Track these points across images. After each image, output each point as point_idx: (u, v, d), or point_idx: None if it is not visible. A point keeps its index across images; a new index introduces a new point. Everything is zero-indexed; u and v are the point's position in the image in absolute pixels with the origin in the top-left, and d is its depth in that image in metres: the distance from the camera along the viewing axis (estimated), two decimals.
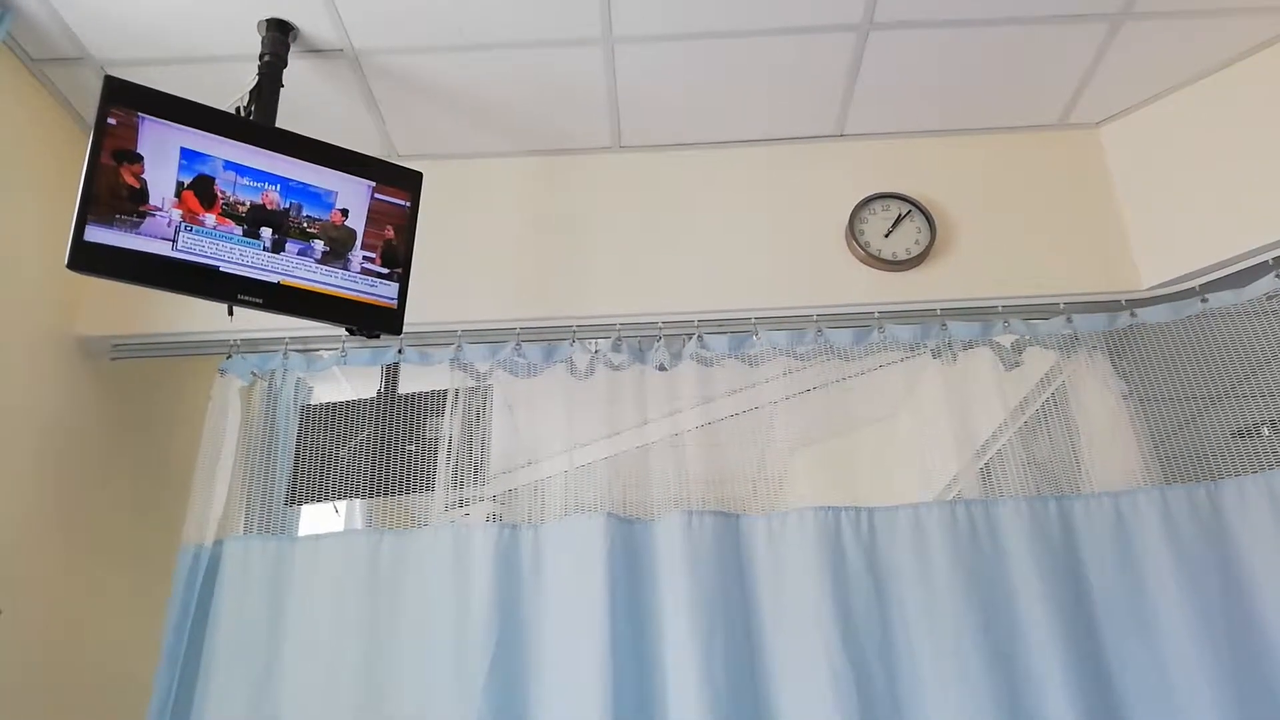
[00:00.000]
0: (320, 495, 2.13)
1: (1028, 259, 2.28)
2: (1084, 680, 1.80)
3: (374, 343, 2.20)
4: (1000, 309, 2.24)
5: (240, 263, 1.83)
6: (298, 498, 2.13)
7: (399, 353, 2.23)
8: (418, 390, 2.21)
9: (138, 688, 1.99)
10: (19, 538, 1.99)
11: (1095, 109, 2.38)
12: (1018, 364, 2.20)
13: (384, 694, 1.89)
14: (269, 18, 2.02)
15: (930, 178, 2.37)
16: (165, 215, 1.77)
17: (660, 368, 2.20)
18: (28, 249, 2.07)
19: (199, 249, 1.79)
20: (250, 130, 1.89)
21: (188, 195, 1.79)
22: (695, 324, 2.25)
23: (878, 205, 2.33)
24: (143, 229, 1.74)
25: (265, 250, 1.86)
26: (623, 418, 2.16)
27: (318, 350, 2.26)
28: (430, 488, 2.09)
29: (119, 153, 1.74)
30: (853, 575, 1.93)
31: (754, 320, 2.25)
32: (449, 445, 2.12)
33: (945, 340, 2.21)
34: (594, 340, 2.25)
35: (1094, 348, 2.19)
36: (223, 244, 1.82)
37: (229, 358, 2.23)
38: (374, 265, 1.98)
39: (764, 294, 2.27)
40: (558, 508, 2.05)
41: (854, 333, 2.21)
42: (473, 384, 2.21)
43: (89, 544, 2.20)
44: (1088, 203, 2.34)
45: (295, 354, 2.24)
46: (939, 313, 2.24)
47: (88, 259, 1.70)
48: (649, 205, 2.38)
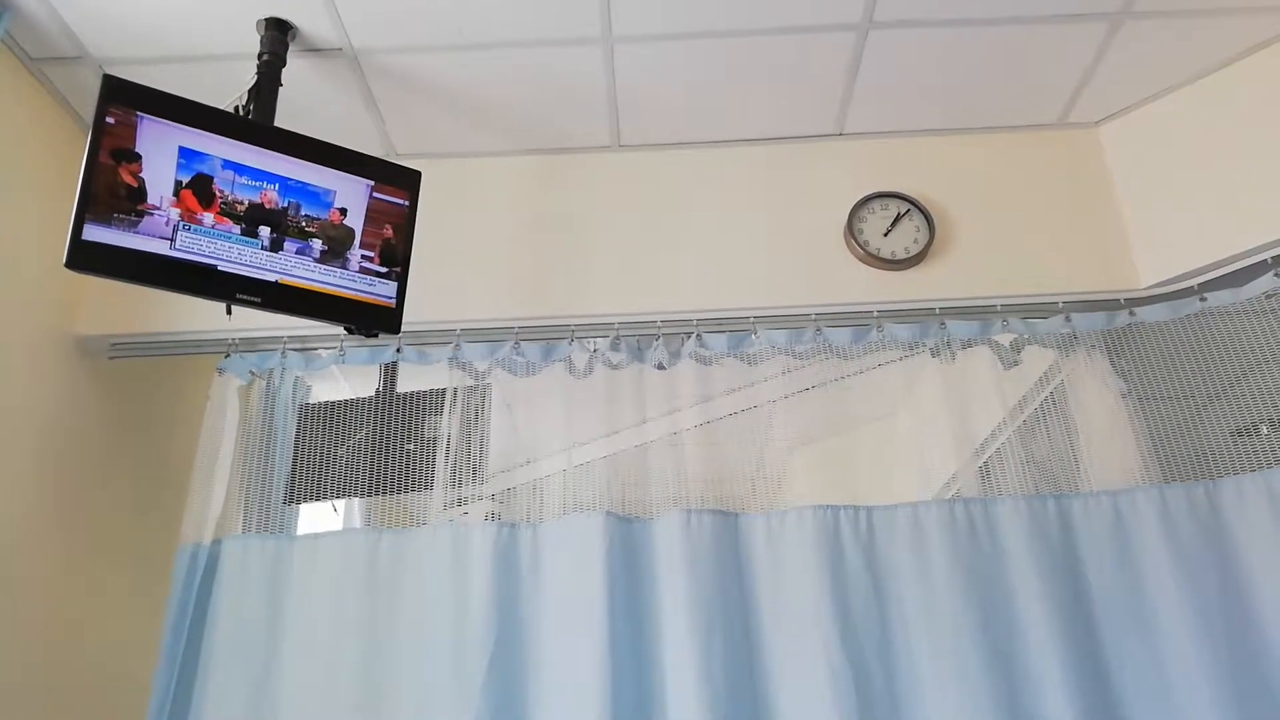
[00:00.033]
0: (319, 494, 2.13)
1: (1026, 258, 2.28)
2: (1082, 679, 1.81)
3: (372, 342, 2.21)
4: (999, 308, 2.24)
5: (238, 262, 1.83)
6: (296, 497, 2.13)
7: (397, 352, 2.23)
8: (416, 389, 2.21)
9: (137, 687, 1.99)
10: (18, 538, 1.99)
11: (1094, 108, 2.38)
12: (1016, 363, 2.20)
13: (383, 693, 1.89)
14: (268, 17, 2.02)
15: (929, 177, 2.37)
16: (163, 214, 1.77)
17: (659, 366, 2.20)
18: (26, 248, 2.07)
19: (197, 248, 1.79)
20: (249, 129, 1.89)
21: (186, 194, 1.79)
22: (694, 323, 2.25)
23: (876, 204, 2.33)
24: (141, 228, 1.74)
25: (263, 249, 1.86)
26: (621, 416, 2.16)
27: (316, 349, 2.25)
28: (429, 486, 2.09)
29: (117, 152, 1.74)
30: (851, 574, 1.93)
31: (753, 319, 2.25)
32: (447, 444, 2.12)
33: (944, 339, 2.21)
34: (593, 339, 2.25)
35: (1093, 347, 2.19)
36: (221, 243, 1.82)
37: (227, 357, 2.23)
38: (372, 264, 1.98)
39: (763, 293, 2.27)
40: (556, 506, 2.05)
41: (853, 332, 2.22)
42: (471, 383, 2.21)
43: (88, 543, 2.20)
44: (1087, 202, 2.34)
45: (293, 353, 2.24)
46: (938, 312, 2.24)
47: (86, 258, 1.70)
48: (648, 204, 2.38)
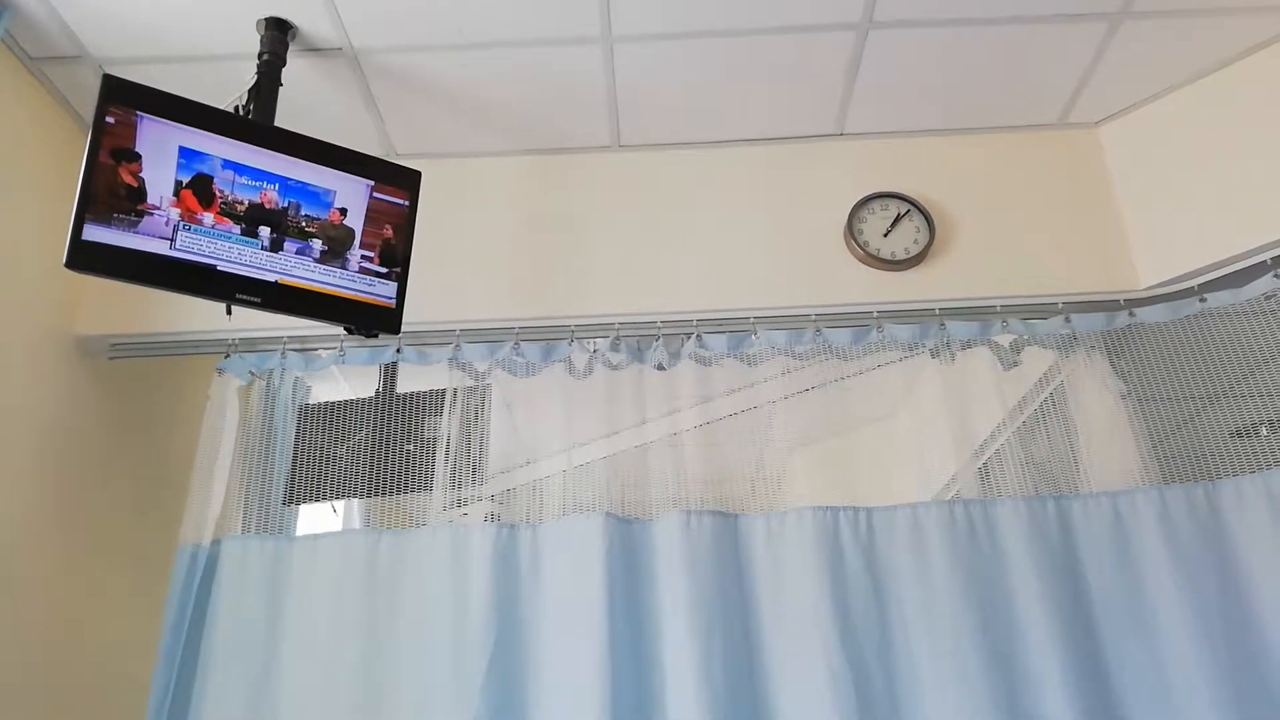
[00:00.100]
0: (318, 495, 2.12)
1: (1026, 259, 2.28)
2: (1082, 680, 1.81)
3: (372, 342, 2.20)
4: (999, 308, 2.24)
5: (238, 262, 1.83)
6: (296, 497, 2.13)
7: (397, 352, 2.22)
8: (416, 390, 2.21)
9: (137, 687, 1.99)
10: (18, 538, 1.99)
11: (1094, 108, 2.38)
12: (1016, 364, 2.20)
13: (382, 694, 1.89)
14: (268, 16, 2.02)
15: (929, 177, 2.37)
16: (163, 214, 1.77)
17: (659, 367, 2.20)
18: (26, 248, 2.07)
19: (197, 248, 1.79)
20: (249, 129, 1.89)
21: (186, 194, 1.79)
22: (694, 323, 2.25)
23: (876, 205, 2.33)
24: (141, 228, 1.74)
25: (263, 249, 1.86)
26: (621, 417, 2.16)
27: (316, 349, 2.25)
28: (428, 487, 2.09)
29: (117, 151, 1.74)
30: (851, 575, 1.93)
31: (753, 320, 2.25)
32: (447, 445, 2.11)
33: (944, 340, 2.21)
34: (592, 340, 2.25)
35: (1092, 347, 2.19)
36: (221, 243, 1.82)
37: (227, 357, 2.23)
38: (372, 264, 1.98)
39: (763, 293, 2.27)
40: (556, 507, 2.05)
41: (853, 332, 2.22)
42: (471, 383, 2.20)
43: (88, 543, 2.20)
44: (1086, 202, 2.34)
45: (293, 353, 2.24)
46: (937, 312, 2.24)
47: (86, 258, 1.70)
48: (648, 204, 2.38)
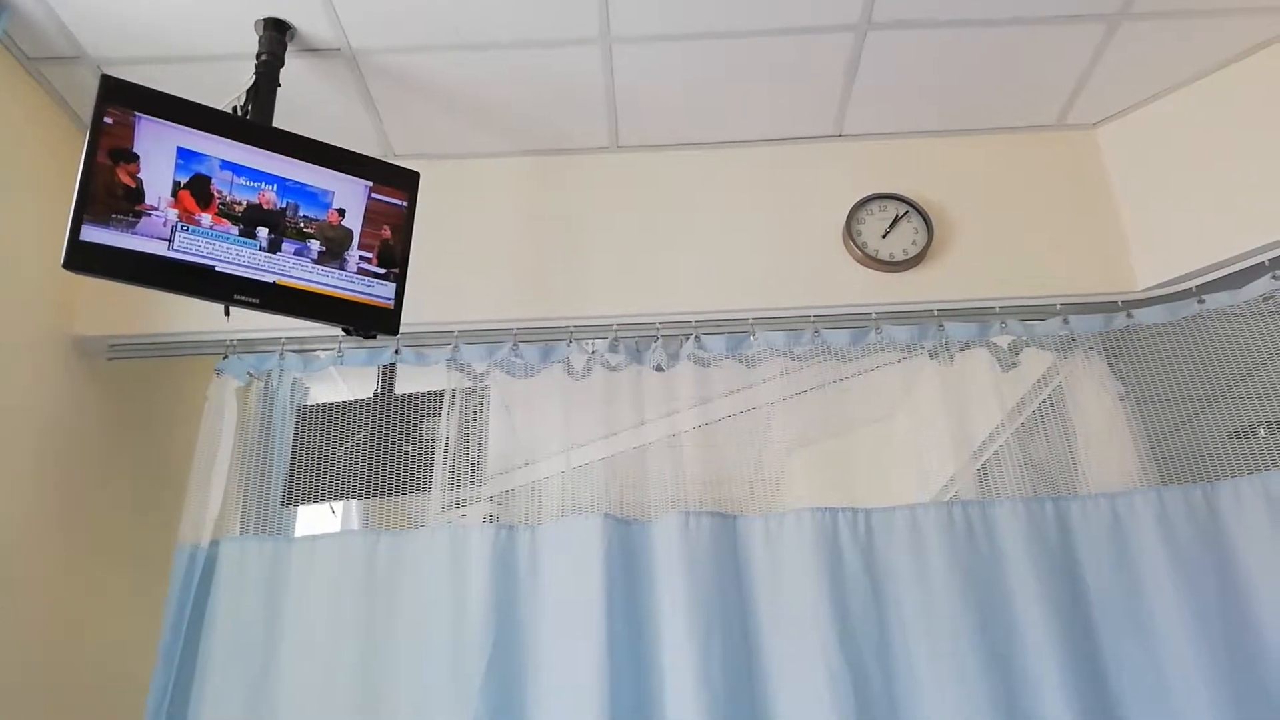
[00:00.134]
0: (317, 496, 2.12)
1: (1025, 260, 2.28)
2: (1081, 681, 1.81)
3: (370, 343, 2.20)
4: (997, 310, 2.24)
5: (236, 262, 1.83)
6: (294, 498, 2.13)
7: (396, 353, 2.22)
8: (414, 391, 2.21)
9: (137, 688, 1.99)
10: (18, 538, 1.99)
11: (1093, 109, 2.38)
12: (1014, 365, 2.20)
13: (381, 695, 1.89)
14: (266, 17, 2.01)
15: (928, 178, 2.37)
16: (161, 215, 1.76)
17: (657, 368, 2.20)
18: (24, 249, 2.07)
19: (195, 249, 1.79)
20: (247, 130, 1.88)
21: (184, 195, 1.79)
22: (693, 324, 2.25)
23: (875, 206, 2.33)
24: (139, 229, 1.74)
25: (261, 250, 1.86)
26: (620, 418, 2.16)
27: (314, 350, 2.25)
28: (427, 488, 2.08)
29: (115, 152, 1.73)
30: (850, 576, 1.93)
31: (751, 321, 2.25)
32: (446, 446, 2.11)
33: (942, 341, 2.21)
34: (591, 341, 2.24)
35: (1090, 349, 2.19)
36: (219, 244, 1.82)
37: (225, 358, 2.22)
38: (370, 265, 1.98)
39: (761, 294, 2.27)
40: (555, 508, 2.05)
41: (851, 333, 2.22)
42: (469, 384, 2.20)
43: (88, 544, 2.20)
44: (1085, 203, 2.34)
45: (292, 354, 2.24)
46: (936, 313, 2.24)
47: (84, 259, 1.69)
48: (646, 205, 2.38)
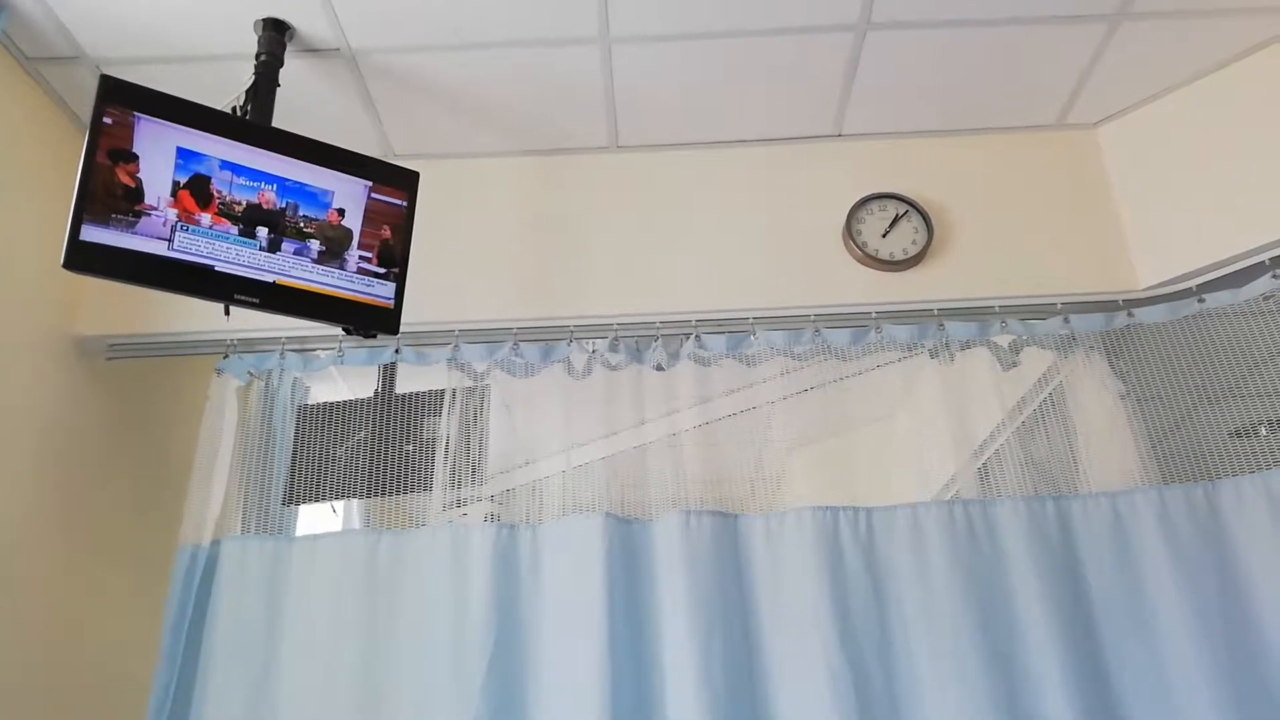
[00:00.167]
0: (318, 495, 2.12)
1: (1025, 259, 2.28)
2: (1082, 680, 1.81)
3: (371, 342, 2.20)
4: (997, 309, 2.24)
5: (236, 262, 1.83)
6: (295, 498, 2.13)
7: (396, 352, 2.22)
8: (415, 390, 2.21)
9: (137, 687, 1.99)
10: (18, 538, 1.99)
11: (1093, 109, 2.38)
12: (1015, 364, 2.20)
13: (382, 694, 1.89)
14: (265, 17, 2.01)
15: (928, 178, 2.37)
16: (161, 215, 1.76)
17: (658, 367, 2.20)
18: (23, 249, 2.07)
19: (195, 248, 1.79)
20: (246, 130, 1.88)
21: (183, 195, 1.79)
22: (693, 324, 2.25)
23: (875, 205, 2.33)
24: (138, 228, 1.74)
25: (261, 250, 1.86)
26: (620, 418, 2.16)
27: (314, 350, 2.25)
28: (428, 488, 2.08)
29: (114, 152, 1.73)
30: (851, 575, 1.93)
31: (751, 320, 2.25)
32: (446, 445, 2.11)
33: (943, 340, 2.21)
34: (591, 340, 2.24)
35: (1091, 348, 2.19)
36: (219, 243, 1.82)
37: (226, 357, 2.22)
38: (370, 265, 1.98)
39: (761, 294, 2.27)
40: (556, 508, 2.05)
41: (851, 333, 2.22)
42: (470, 384, 2.20)
43: (88, 544, 2.20)
44: (1085, 203, 2.34)
45: (292, 354, 2.24)
46: (936, 313, 2.24)
47: (84, 259, 1.69)
48: (646, 205, 2.38)
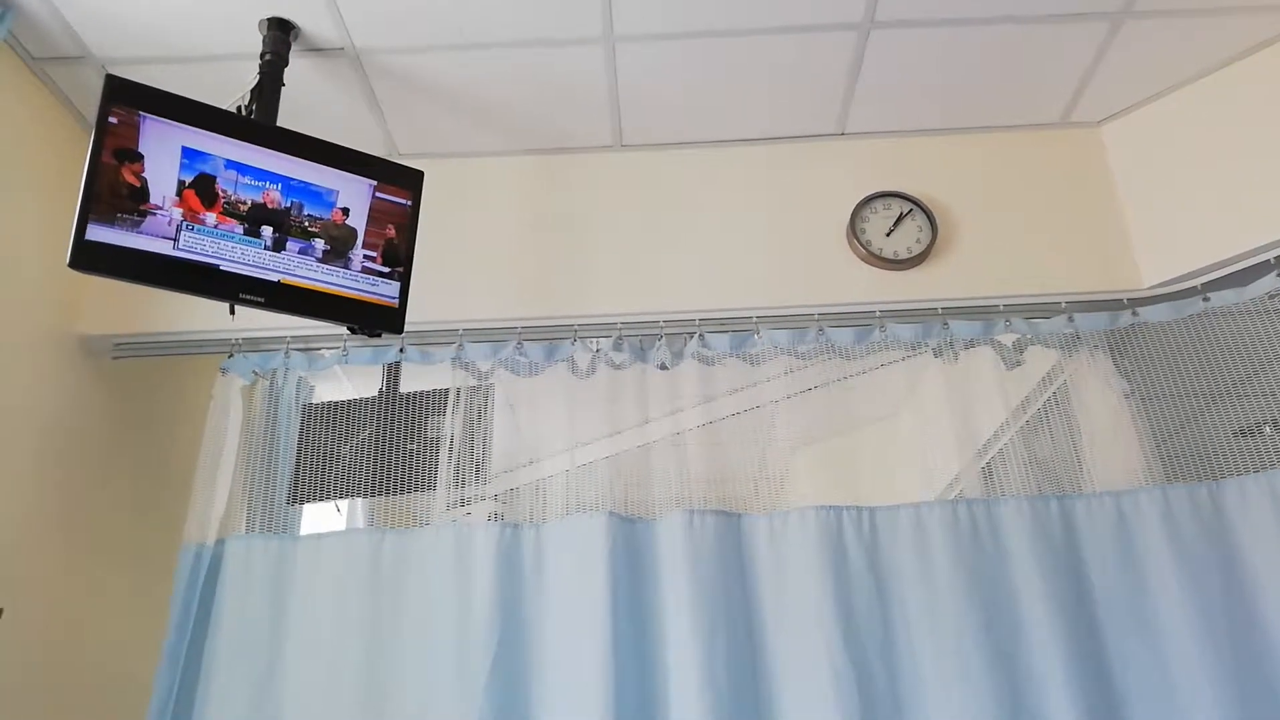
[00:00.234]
0: (322, 494, 2.12)
1: (1029, 258, 2.28)
2: (1085, 679, 1.81)
3: (375, 342, 2.20)
4: (1001, 308, 2.24)
5: (241, 261, 1.83)
6: (299, 497, 2.13)
7: (400, 352, 2.22)
8: (419, 389, 2.21)
9: (138, 688, 1.99)
10: (19, 537, 1.99)
11: (1096, 108, 2.38)
12: (1019, 363, 2.20)
13: (386, 693, 1.89)
14: (270, 17, 2.02)
15: (931, 176, 2.37)
16: (166, 214, 1.77)
17: (662, 366, 2.20)
18: (29, 248, 2.07)
19: (200, 248, 1.79)
20: (251, 129, 1.89)
21: (189, 194, 1.79)
22: (696, 323, 2.25)
23: (879, 204, 2.33)
24: (144, 228, 1.74)
25: (266, 249, 1.86)
26: (624, 417, 2.16)
27: (319, 349, 2.25)
28: (432, 487, 2.09)
29: (120, 151, 1.74)
30: (854, 574, 1.93)
31: (755, 319, 2.25)
32: (450, 444, 2.12)
33: (947, 339, 2.21)
34: (595, 339, 2.25)
35: (1095, 347, 2.19)
36: (224, 243, 1.82)
37: (230, 357, 2.23)
38: (375, 264, 1.98)
39: (765, 293, 2.27)
40: (559, 507, 2.05)
41: (855, 332, 2.21)
42: (474, 383, 2.20)
43: (89, 543, 2.20)
44: (1089, 201, 2.34)
45: (297, 353, 2.24)
46: (940, 312, 2.24)
47: (89, 258, 1.70)
48: (650, 204, 2.38)
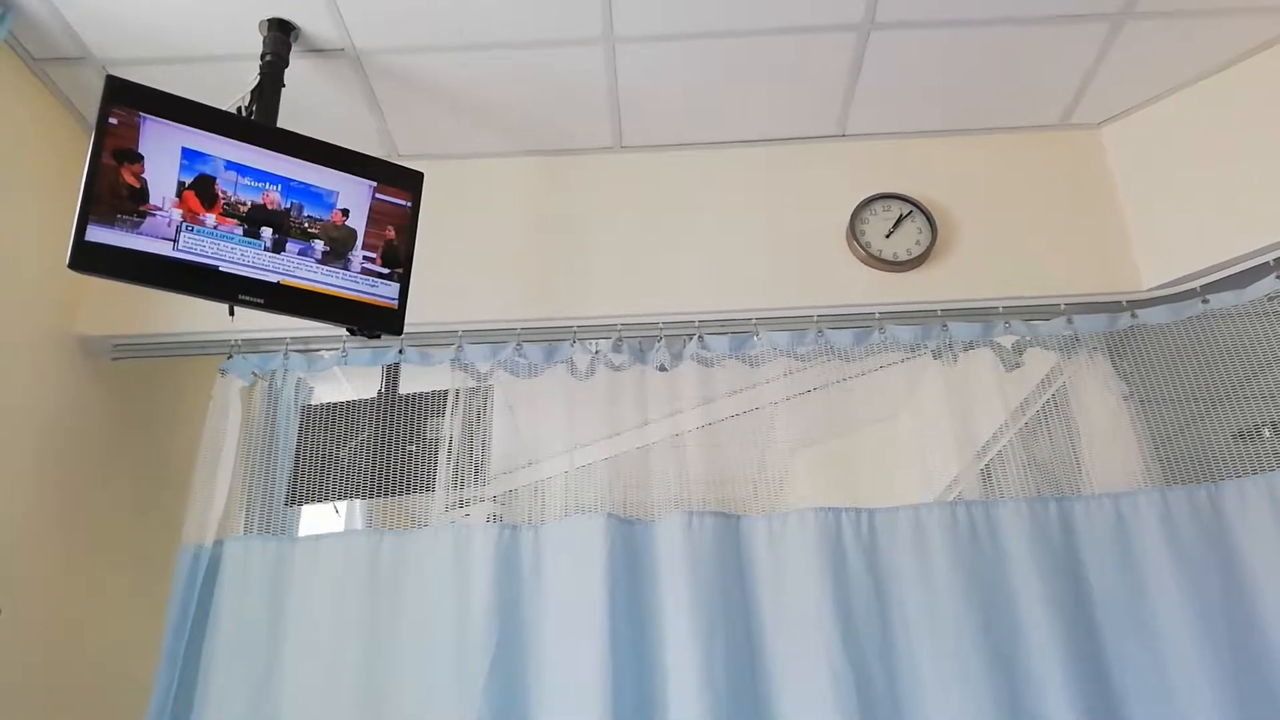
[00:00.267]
0: (320, 495, 2.13)
1: (1029, 260, 2.28)
2: (1084, 681, 1.80)
3: (375, 343, 2.20)
4: (1001, 310, 2.24)
5: (241, 262, 1.83)
6: (298, 498, 2.13)
7: (399, 353, 2.22)
8: (418, 390, 2.21)
9: (138, 688, 1.99)
10: (19, 538, 1.99)
11: (1097, 109, 2.38)
12: (1018, 365, 2.20)
13: (384, 695, 1.89)
14: (270, 17, 2.02)
15: (931, 178, 2.37)
16: (166, 215, 1.77)
17: (661, 368, 2.20)
18: (29, 249, 2.07)
19: (199, 249, 1.79)
20: (251, 130, 1.89)
21: (189, 195, 1.79)
22: (696, 324, 2.25)
23: (879, 205, 2.33)
24: (143, 229, 1.74)
25: (266, 250, 1.86)
26: (623, 418, 2.16)
27: (318, 350, 2.25)
28: (431, 488, 2.09)
29: (120, 152, 1.74)
30: (853, 576, 1.93)
31: (754, 321, 2.25)
32: (449, 445, 2.12)
33: (946, 341, 2.21)
34: (595, 340, 2.24)
35: (1095, 349, 2.18)
36: (223, 244, 1.82)
37: (230, 358, 2.23)
38: (375, 265, 1.98)
39: (764, 294, 2.27)
40: (558, 508, 2.05)
41: (855, 333, 2.21)
42: (473, 384, 2.20)
43: (89, 544, 2.20)
44: (1089, 203, 2.34)
45: (296, 354, 2.24)
46: (940, 313, 2.24)
47: (89, 259, 1.70)
48: (650, 205, 2.38)
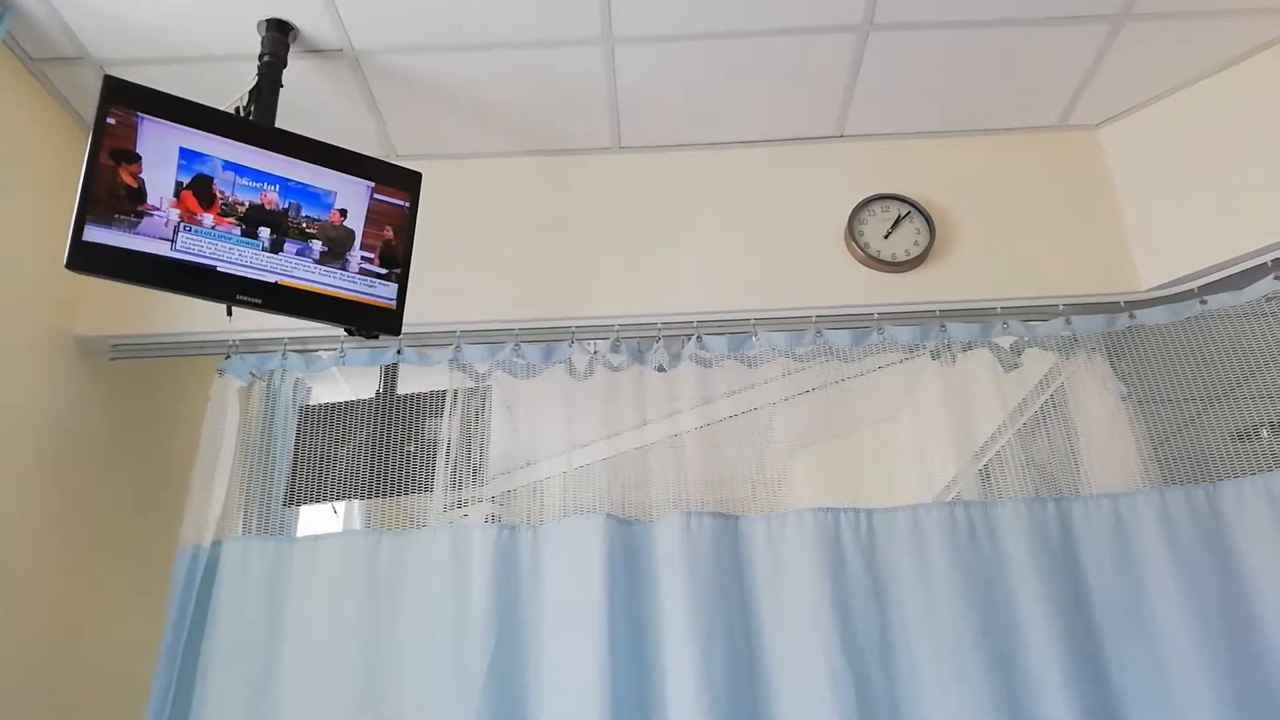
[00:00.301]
0: (319, 496, 2.12)
1: (1027, 260, 2.28)
2: (1083, 682, 1.81)
3: (373, 343, 2.20)
4: (999, 310, 2.24)
5: (238, 263, 1.83)
6: (296, 498, 2.13)
7: (398, 353, 2.22)
8: (416, 391, 2.21)
9: (137, 688, 1.99)
10: (18, 538, 1.99)
11: (1095, 110, 2.38)
12: (1017, 365, 2.20)
13: (383, 695, 1.89)
14: (269, 18, 2.02)
15: (930, 179, 2.37)
16: (164, 215, 1.77)
17: (659, 369, 2.20)
18: (26, 249, 2.07)
19: (197, 249, 1.79)
20: (249, 130, 1.89)
21: (186, 195, 1.79)
22: (694, 325, 2.25)
23: (877, 206, 2.33)
24: (141, 229, 1.74)
25: (264, 250, 1.86)
26: (622, 419, 2.16)
27: (316, 351, 2.25)
28: (429, 488, 2.09)
29: (118, 152, 1.74)
30: (852, 577, 1.93)
31: (753, 321, 2.25)
32: (448, 446, 2.11)
33: (944, 342, 2.21)
34: (593, 341, 2.24)
35: (1093, 349, 2.19)
36: (221, 244, 1.82)
37: (228, 358, 2.23)
38: (373, 265, 1.98)
39: (763, 295, 2.27)
40: (556, 509, 2.05)
41: (853, 334, 2.21)
42: (471, 385, 2.20)
43: (88, 544, 2.20)
44: (1087, 204, 2.34)
45: (294, 354, 2.24)
46: (938, 314, 2.24)
47: (86, 259, 1.70)
48: (649, 206, 2.38)
